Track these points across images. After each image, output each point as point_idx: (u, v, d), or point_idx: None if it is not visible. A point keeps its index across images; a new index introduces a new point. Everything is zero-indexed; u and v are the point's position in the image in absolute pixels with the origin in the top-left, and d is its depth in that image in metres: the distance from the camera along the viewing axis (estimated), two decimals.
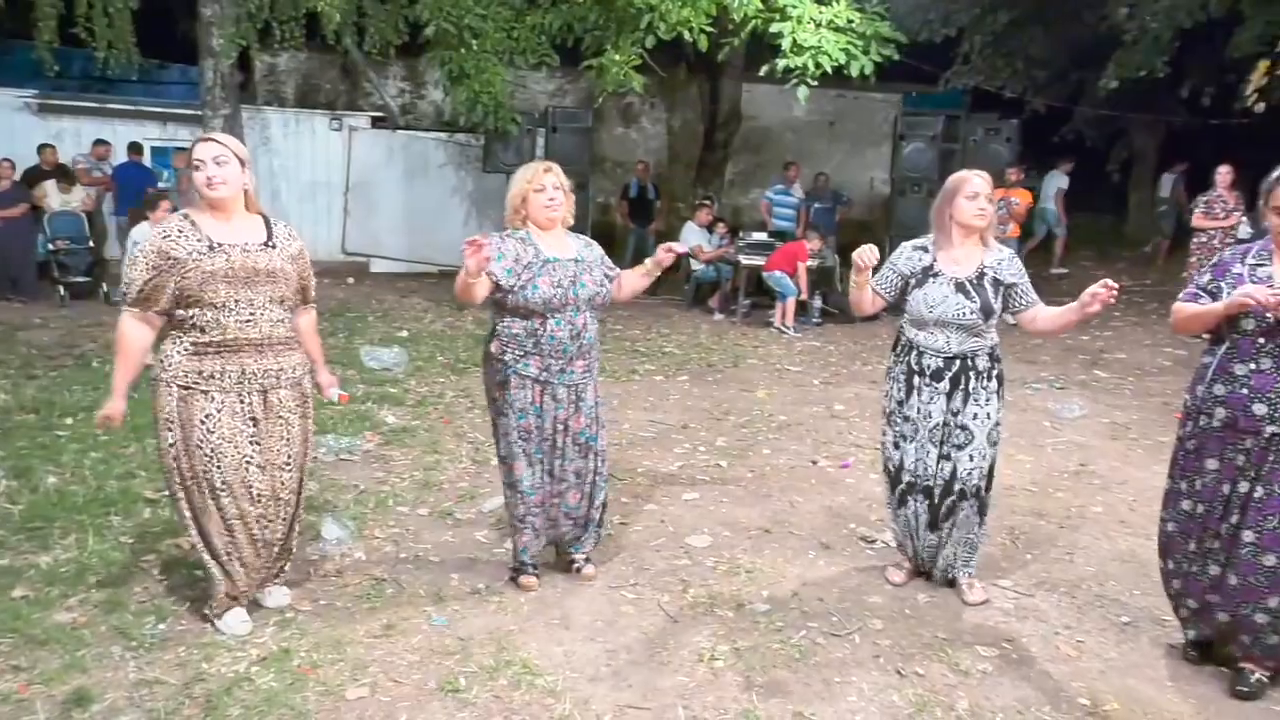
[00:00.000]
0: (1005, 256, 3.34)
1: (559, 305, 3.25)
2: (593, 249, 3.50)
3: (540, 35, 8.53)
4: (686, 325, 9.17)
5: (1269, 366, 2.74)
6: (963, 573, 3.48)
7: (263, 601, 3.29)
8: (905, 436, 3.42)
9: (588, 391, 3.42)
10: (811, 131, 15.08)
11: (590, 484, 3.50)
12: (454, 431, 5.46)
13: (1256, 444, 2.76)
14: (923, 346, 3.34)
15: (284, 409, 3.07)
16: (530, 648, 3.08)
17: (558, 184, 3.34)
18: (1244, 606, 2.82)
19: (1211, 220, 8.63)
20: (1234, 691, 2.86)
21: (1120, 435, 5.72)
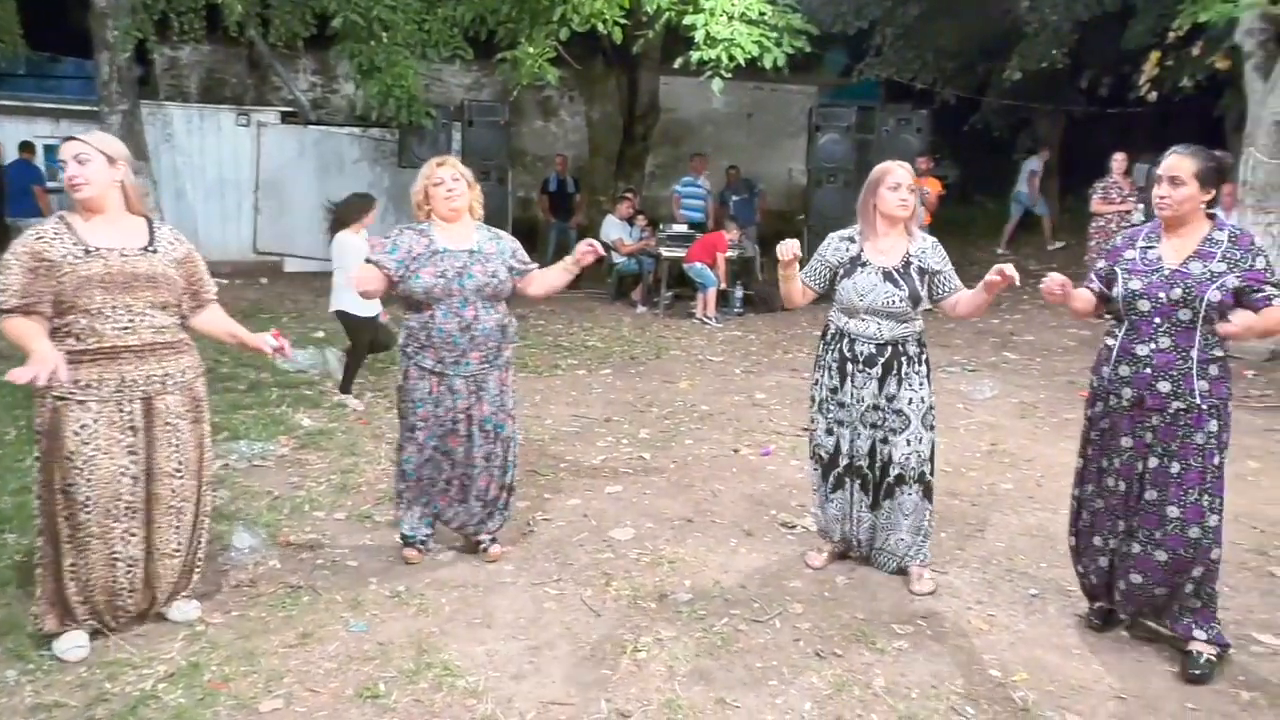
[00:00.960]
0: (929, 245, 3.41)
1: (441, 295, 3.34)
2: (500, 242, 3.52)
3: (452, 27, 8.40)
4: (609, 318, 9.16)
5: (1168, 345, 2.82)
6: (914, 561, 3.50)
7: (168, 615, 3.17)
8: (841, 422, 3.46)
9: (489, 381, 3.48)
10: (730, 124, 15.22)
11: (499, 468, 3.58)
12: (372, 433, 5.35)
13: (1162, 420, 2.84)
14: (854, 334, 3.39)
15: (171, 414, 2.97)
16: (451, 649, 3.04)
17: (456, 175, 3.43)
18: (1175, 578, 2.88)
19: (1109, 205, 8.99)
20: (1187, 676, 2.87)
21: (1029, 414, 5.92)
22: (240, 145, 11.49)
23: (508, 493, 3.67)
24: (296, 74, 13.14)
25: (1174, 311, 2.80)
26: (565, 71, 9.59)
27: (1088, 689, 2.85)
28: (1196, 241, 2.85)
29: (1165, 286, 2.82)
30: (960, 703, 2.76)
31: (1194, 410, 2.81)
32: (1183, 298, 2.78)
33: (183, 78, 13.08)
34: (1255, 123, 7.24)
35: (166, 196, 10.68)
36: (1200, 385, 2.80)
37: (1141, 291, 2.85)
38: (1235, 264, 2.77)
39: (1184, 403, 2.81)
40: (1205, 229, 2.86)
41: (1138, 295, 2.86)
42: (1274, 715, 2.72)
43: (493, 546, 3.71)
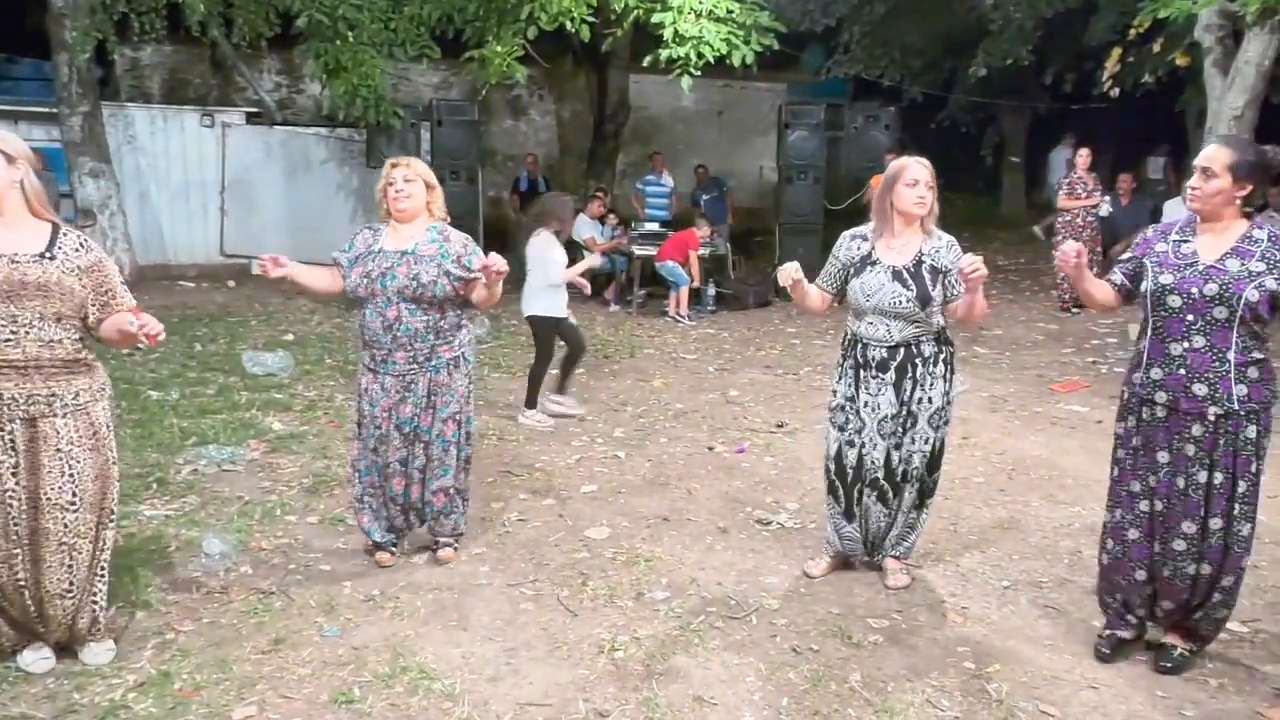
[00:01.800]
0: (944, 244, 3.28)
1: (365, 295, 3.41)
2: (446, 245, 3.42)
3: (419, 26, 8.33)
4: (582, 317, 9.05)
5: (1202, 345, 2.67)
6: (893, 554, 3.49)
7: (81, 657, 2.94)
8: (858, 431, 3.35)
9: (417, 383, 3.46)
10: (701, 121, 15.24)
11: (419, 470, 3.55)
12: (344, 435, 5.28)
13: (1204, 429, 2.70)
14: (865, 338, 3.30)
15: (63, 440, 2.70)
16: (427, 652, 3.01)
17: (409, 176, 3.43)
18: (1212, 589, 2.80)
19: (1075, 200, 9.11)
20: (1158, 667, 2.88)
21: (999, 408, 5.99)
22: (205, 146, 11.32)
23: (454, 497, 3.61)
24: (261, 74, 12.97)
25: (1209, 309, 2.65)
26: (534, 70, 9.57)
27: (1060, 679, 2.88)
28: (1234, 239, 2.69)
29: (1199, 282, 2.67)
30: (935, 695, 2.79)
31: (1233, 417, 2.67)
32: (1218, 294, 2.63)
33: (144, 78, 12.86)
34: (1215, 117, 7.37)
35: (130, 199, 10.51)
36: (1239, 390, 2.65)
37: (1173, 286, 2.70)
38: (1276, 265, 2.61)
39: (1221, 408, 2.67)
40: (1243, 227, 2.70)
41: (1168, 290, 2.70)
42: (1241, 700, 2.77)
43: (442, 550, 3.68)
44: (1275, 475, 4.62)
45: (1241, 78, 7.09)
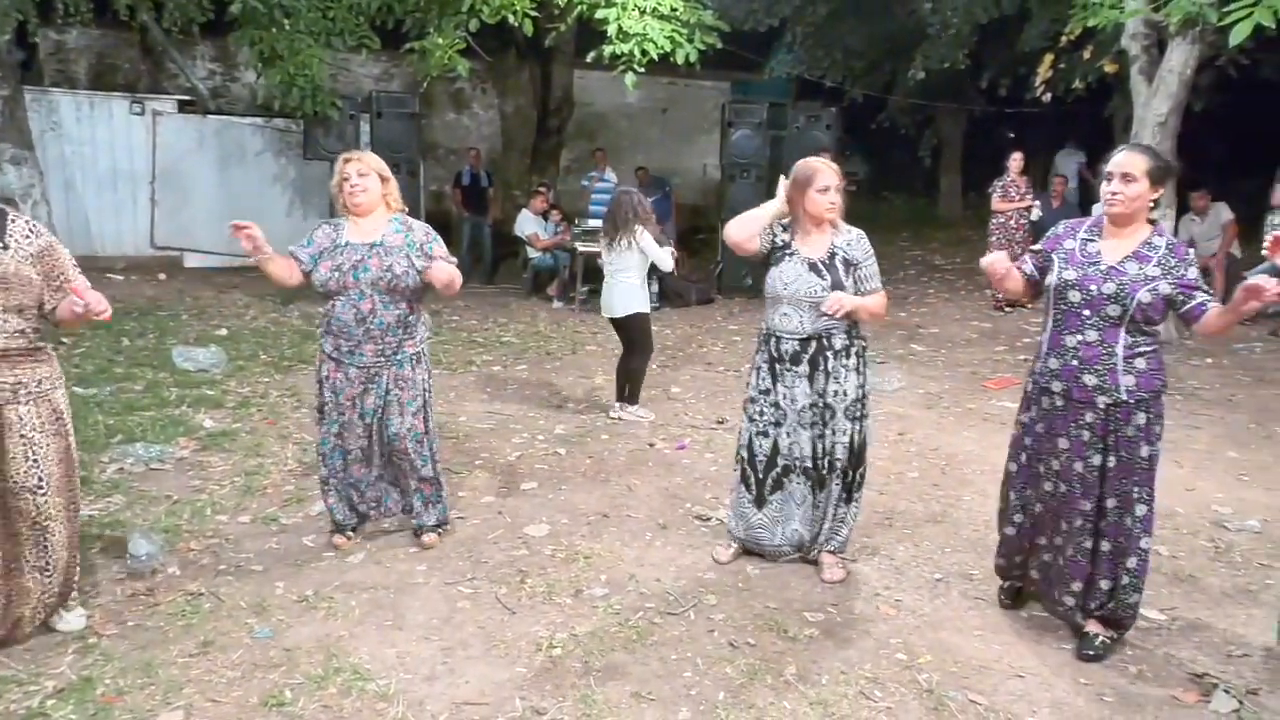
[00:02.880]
0: (854, 237, 3.39)
1: (337, 288, 3.44)
2: (409, 234, 3.52)
3: (358, 16, 8.17)
4: (525, 314, 9.09)
5: (1094, 339, 2.84)
6: (827, 549, 3.54)
7: (56, 626, 3.02)
8: (775, 423, 3.45)
9: (383, 376, 3.53)
10: (645, 118, 15.25)
11: (391, 463, 3.67)
12: (279, 433, 5.18)
13: (1096, 416, 2.86)
14: (779, 331, 3.39)
15: (27, 427, 2.80)
16: (361, 652, 2.97)
17: (362, 170, 3.47)
18: (1117, 570, 2.94)
19: (1009, 203, 9.35)
20: (1081, 655, 2.99)
21: (934, 404, 6.11)
22: (134, 135, 10.96)
23: (429, 486, 3.71)
24: (194, 61, 12.61)
25: (1104, 306, 2.82)
26: (477, 63, 9.45)
27: (988, 668, 2.96)
28: (1136, 243, 2.86)
29: (1099, 280, 2.83)
30: (869, 686, 2.83)
31: (1121, 405, 2.84)
32: (1115, 293, 2.80)
33: (70, 63, 12.39)
34: (1140, 123, 7.61)
35: (54, 188, 10.11)
36: (1126, 381, 2.82)
37: (1075, 282, 2.87)
38: (1169, 271, 2.79)
39: (1110, 398, 2.84)
40: (1146, 232, 2.87)
41: (1070, 285, 2.88)
42: (1158, 686, 2.87)
43: (426, 535, 3.77)
44: (1192, 469, 4.82)
45: (1165, 85, 7.34)
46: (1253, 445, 5.23)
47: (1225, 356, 7.33)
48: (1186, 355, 7.34)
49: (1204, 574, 3.66)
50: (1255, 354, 7.44)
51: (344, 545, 3.74)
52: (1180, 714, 2.73)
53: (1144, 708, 2.75)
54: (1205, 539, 3.98)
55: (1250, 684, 2.87)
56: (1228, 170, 13.35)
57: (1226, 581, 3.60)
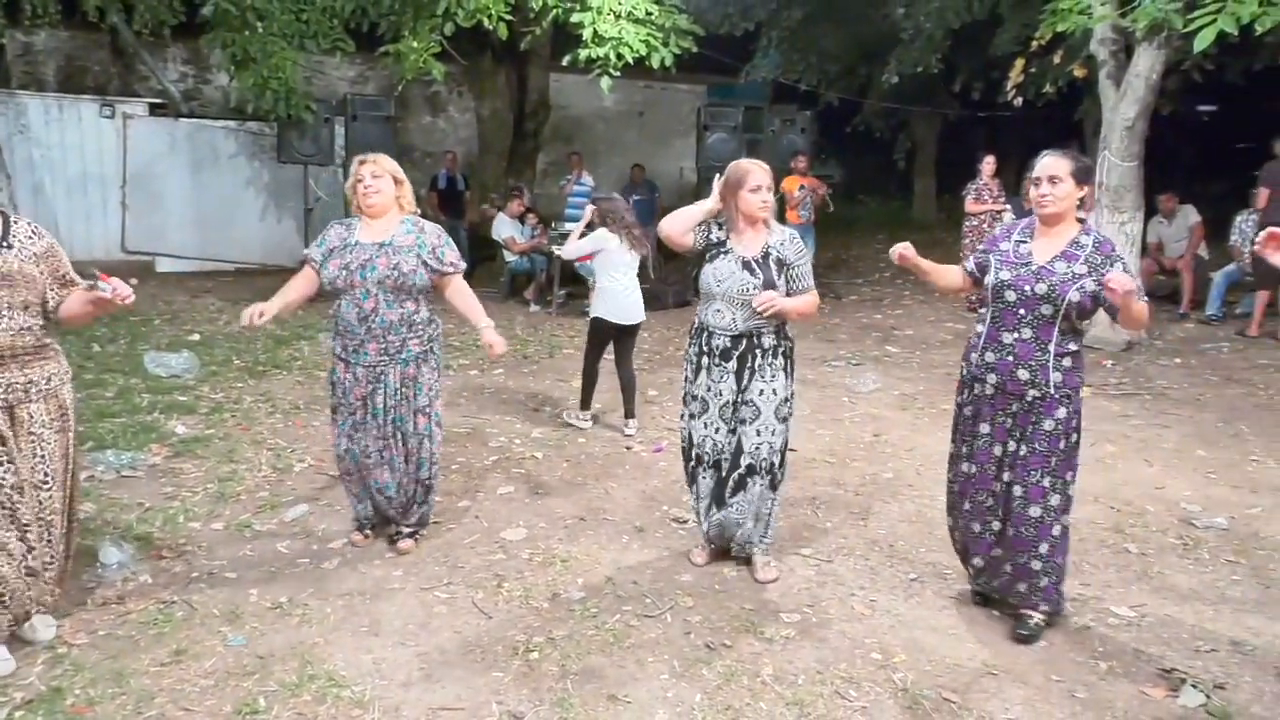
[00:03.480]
0: (787, 237, 3.45)
1: (344, 286, 3.48)
2: (422, 236, 3.57)
3: (332, 19, 8.12)
4: (502, 317, 9.02)
5: (1029, 336, 2.98)
6: (758, 549, 3.58)
7: (26, 636, 2.98)
8: (694, 415, 3.54)
9: (389, 374, 3.54)
10: (622, 122, 15.28)
11: (403, 463, 3.63)
12: (252, 439, 5.14)
13: (1021, 407, 3.02)
14: (712, 327, 3.45)
15: (36, 424, 2.84)
16: (336, 659, 2.95)
17: (376, 173, 3.52)
18: (1020, 555, 3.08)
19: (982, 205, 9.44)
20: (1015, 636, 3.11)
21: (909, 405, 6.16)
22: (105, 138, 10.84)
23: (421, 488, 3.71)
24: (165, 63, 12.48)
25: (1038, 305, 2.95)
26: (452, 67, 9.42)
27: (962, 666, 2.99)
28: (1065, 243, 3.00)
29: (1031, 280, 2.97)
30: (844, 686, 2.85)
31: (1047, 398, 2.98)
32: (1046, 293, 2.93)
33: (39, 65, 12.24)
34: (1109, 127, 7.72)
35: (22, 192, 10.01)
36: (1055, 376, 2.97)
37: (1010, 282, 3.00)
38: (1096, 269, 2.92)
39: (1039, 391, 2.98)
40: (1074, 231, 3.02)
41: (1006, 285, 3.01)
42: (1128, 681, 2.91)
43: (403, 541, 3.76)
44: (1162, 467, 4.89)
45: (1132, 90, 7.45)
46: (1220, 444, 5.32)
47: (1193, 357, 7.44)
48: (1155, 356, 7.44)
49: (1172, 571, 3.71)
50: (1223, 354, 7.55)
51: (360, 542, 3.80)
52: (1149, 709, 2.77)
53: (1114, 703, 2.79)
54: (1174, 536, 4.04)
55: (1217, 678, 2.92)
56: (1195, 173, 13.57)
57: (1194, 578, 3.65)
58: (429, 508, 3.80)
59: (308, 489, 4.45)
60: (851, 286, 10.91)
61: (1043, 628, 3.14)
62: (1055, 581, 3.13)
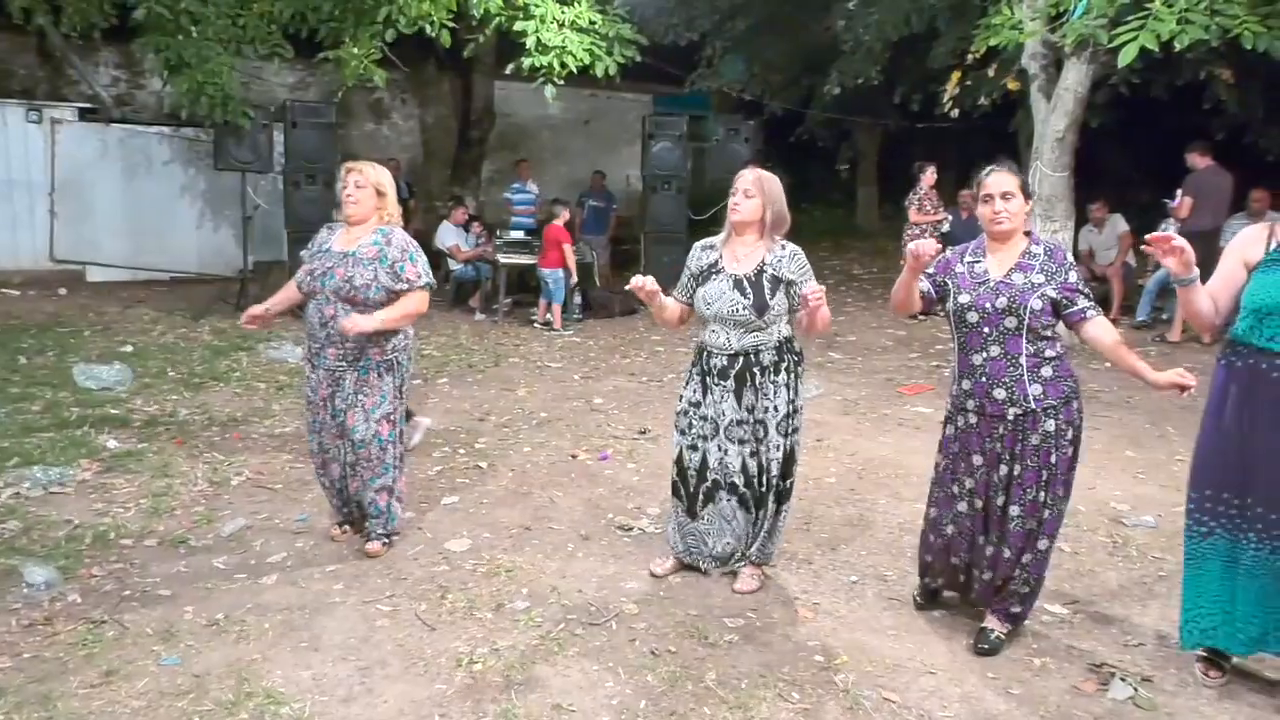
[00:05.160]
0: (787, 254, 3.34)
1: (309, 290, 3.62)
2: (386, 249, 3.59)
3: (270, 24, 7.97)
4: (446, 326, 8.99)
5: (998, 353, 2.93)
6: (752, 560, 3.54)
7: None
8: (705, 436, 3.45)
9: (346, 380, 3.63)
10: (568, 130, 15.26)
11: (351, 465, 3.71)
12: (188, 452, 5.02)
13: (1006, 429, 2.96)
14: (710, 347, 3.40)
15: None
16: (275, 676, 2.89)
17: (360, 183, 3.61)
18: (1014, 568, 3.02)
19: (924, 216, 9.65)
20: (976, 649, 3.09)
21: (851, 410, 6.26)
22: (32, 143, 10.50)
23: (384, 494, 3.73)
24: (96, 67, 12.13)
25: (1001, 320, 2.92)
26: (395, 73, 9.34)
27: (902, 666, 3.04)
28: (1017, 255, 2.98)
29: (991, 296, 2.93)
30: (787, 689, 2.88)
31: (1030, 414, 2.92)
32: (1008, 306, 2.90)
33: None
34: (1040, 139, 7.95)
35: None
36: (1034, 390, 2.91)
37: (970, 304, 2.96)
38: (1052, 276, 2.92)
39: (1020, 409, 2.93)
40: (1023, 243, 3.00)
41: (967, 307, 2.97)
42: (1061, 677, 2.99)
43: (370, 544, 3.79)
44: (1093, 468, 5.03)
45: (1062, 103, 7.69)
46: (1148, 444, 5.50)
47: None
48: (1087, 359, 7.65)
49: (1103, 568, 3.83)
50: (1150, 358, 7.79)
51: (338, 537, 3.91)
52: (1081, 703, 2.85)
53: (1047, 698, 2.87)
54: (1104, 535, 4.17)
55: (1144, 672, 3.02)
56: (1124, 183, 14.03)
57: (1124, 575, 3.77)
58: (392, 518, 3.80)
59: (246, 503, 4.35)
60: None
61: (1003, 640, 3.13)
62: (1030, 595, 3.11)
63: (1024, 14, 7.42)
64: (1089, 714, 2.78)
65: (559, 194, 11.83)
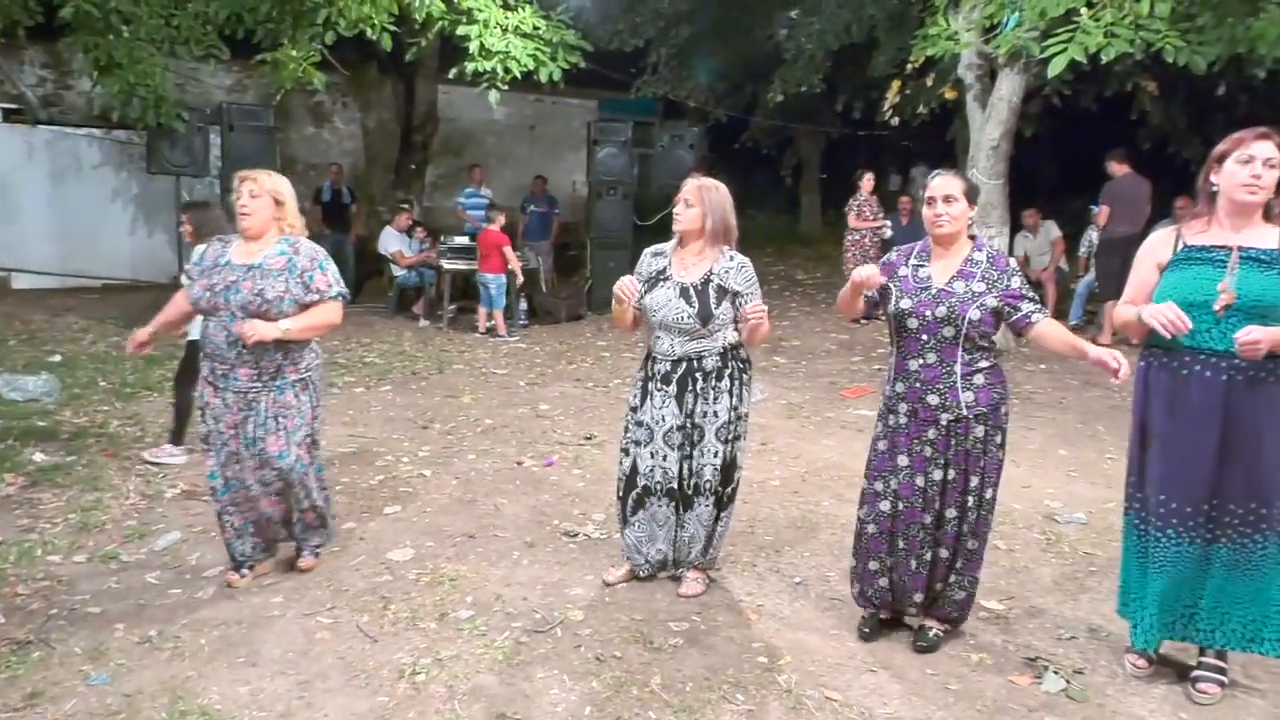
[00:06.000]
0: (735, 265, 3.34)
1: (208, 308, 3.34)
2: (294, 259, 3.36)
3: (205, 25, 7.78)
4: (389, 333, 8.88)
5: (934, 360, 2.96)
6: (695, 564, 3.55)
7: None
8: (638, 442, 3.46)
9: (260, 402, 3.37)
10: (513, 135, 15.20)
11: (278, 494, 3.48)
12: (120, 465, 4.87)
13: (938, 433, 2.99)
14: (656, 352, 3.42)
15: None
16: (211, 693, 2.82)
17: (255, 192, 3.35)
18: (949, 572, 3.09)
19: (864, 221, 9.82)
20: (915, 647, 3.15)
21: (795, 414, 6.33)
22: None
23: (315, 516, 3.60)
24: (21, 67, 11.73)
25: (939, 329, 2.94)
26: (336, 77, 9.21)
27: (844, 665, 3.08)
28: (960, 261, 2.99)
29: (931, 305, 2.95)
30: (731, 690, 2.90)
31: (962, 420, 2.97)
32: (946, 315, 2.92)
33: None
34: (976, 147, 8.16)
35: None
36: (966, 397, 2.95)
37: (910, 310, 2.98)
38: (993, 284, 2.93)
39: (952, 414, 2.96)
40: (967, 248, 3.02)
41: (907, 314, 2.99)
42: (996, 671, 3.06)
43: (303, 558, 3.68)
44: (1027, 467, 5.17)
45: (996, 112, 7.90)
46: (1080, 444, 5.66)
47: (1056, 363, 7.89)
48: (1022, 362, 7.87)
49: (1037, 564, 3.93)
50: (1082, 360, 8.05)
51: (237, 584, 3.52)
52: (1017, 696, 2.92)
53: (984, 693, 2.93)
54: (1038, 532, 4.28)
55: (1076, 664, 3.10)
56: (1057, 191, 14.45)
57: (1057, 570, 3.88)
58: (329, 531, 3.71)
59: (180, 516, 4.24)
60: None
61: (942, 638, 3.19)
62: (968, 596, 3.16)
63: (960, 25, 7.61)
64: (1024, 707, 2.85)
65: (503, 199, 11.78)
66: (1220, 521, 2.83)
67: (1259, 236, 2.76)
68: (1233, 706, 2.86)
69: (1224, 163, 2.77)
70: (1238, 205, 2.75)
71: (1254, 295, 2.68)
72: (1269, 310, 2.68)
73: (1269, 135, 2.70)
